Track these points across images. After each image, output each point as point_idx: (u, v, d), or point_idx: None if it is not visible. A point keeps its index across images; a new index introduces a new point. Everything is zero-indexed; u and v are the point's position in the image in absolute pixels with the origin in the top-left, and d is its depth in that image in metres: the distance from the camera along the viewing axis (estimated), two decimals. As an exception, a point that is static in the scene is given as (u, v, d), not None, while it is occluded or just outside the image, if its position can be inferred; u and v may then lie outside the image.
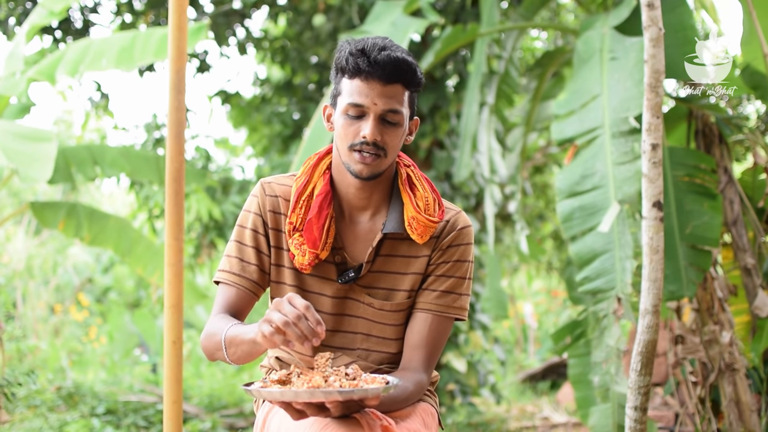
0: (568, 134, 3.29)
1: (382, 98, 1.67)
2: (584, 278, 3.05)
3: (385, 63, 1.65)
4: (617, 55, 3.37)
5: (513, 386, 7.03)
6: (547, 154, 7.86)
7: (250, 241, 1.78)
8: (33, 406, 5.16)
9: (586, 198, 3.13)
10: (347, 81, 1.69)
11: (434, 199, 1.77)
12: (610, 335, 3.14)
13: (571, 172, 3.20)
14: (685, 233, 3.10)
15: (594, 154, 3.18)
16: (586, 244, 3.07)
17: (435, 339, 1.77)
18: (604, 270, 3.01)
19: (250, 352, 1.59)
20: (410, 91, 1.72)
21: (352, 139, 1.68)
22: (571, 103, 3.37)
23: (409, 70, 1.68)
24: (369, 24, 4.38)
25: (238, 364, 1.65)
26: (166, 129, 2.44)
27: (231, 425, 5.38)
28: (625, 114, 3.15)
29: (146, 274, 5.33)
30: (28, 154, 3.66)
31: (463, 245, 1.79)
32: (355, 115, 1.68)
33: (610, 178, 3.08)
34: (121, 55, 4.20)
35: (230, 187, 6.51)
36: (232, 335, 1.62)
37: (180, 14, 2.43)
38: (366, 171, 1.69)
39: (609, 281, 2.99)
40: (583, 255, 3.07)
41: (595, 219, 3.08)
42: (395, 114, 1.68)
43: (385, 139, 1.68)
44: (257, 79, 6.76)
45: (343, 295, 1.79)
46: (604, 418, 3.10)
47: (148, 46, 4.19)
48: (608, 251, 3.01)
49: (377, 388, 1.45)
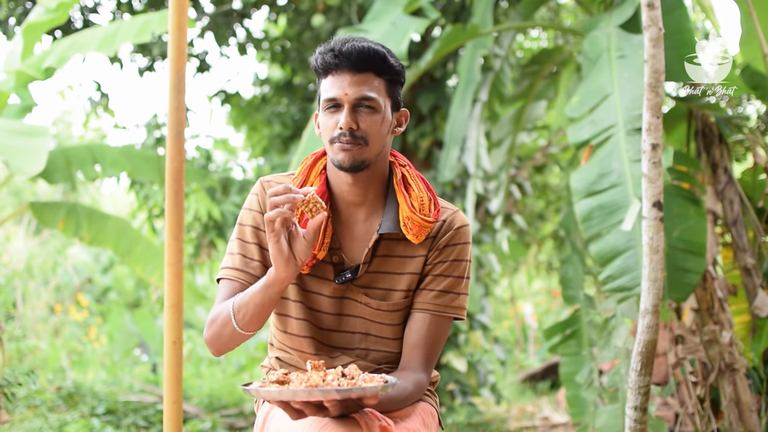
0: (584, 137, 3.27)
1: (353, 87, 1.69)
2: (608, 277, 3.01)
3: (350, 53, 1.69)
4: (625, 53, 3.37)
5: (513, 386, 7.03)
6: (547, 154, 7.86)
7: (251, 237, 1.78)
8: (33, 406, 5.16)
9: (604, 197, 3.10)
10: (323, 81, 1.74)
11: (429, 199, 1.77)
12: (618, 335, 3.14)
13: (588, 171, 3.17)
14: (673, 236, 3.09)
15: (609, 152, 3.15)
16: (608, 243, 3.03)
17: (434, 339, 1.77)
18: (627, 268, 2.96)
19: (262, 302, 1.63)
20: (385, 79, 1.73)
21: (332, 132, 1.71)
22: (584, 105, 3.36)
23: (377, 57, 1.71)
24: (368, 23, 4.37)
25: (249, 329, 1.67)
26: (167, 129, 2.44)
27: (231, 425, 5.38)
28: (637, 111, 3.12)
29: (146, 275, 5.33)
30: (20, 148, 3.68)
31: (460, 244, 1.78)
32: (332, 109, 1.71)
33: (628, 176, 3.06)
34: (104, 41, 4.23)
35: (230, 187, 6.51)
36: (240, 298, 1.67)
37: (180, 14, 2.43)
38: (347, 159, 1.69)
39: (633, 279, 2.94)
40: (605, 254, 3.03)
41: (614, 217, 3.05)
42: (369, 100, 1.70)
43: (362, 127, 1.69)
44: (257, 79, 6.77)
45: (341, 295, 1.79)
46: (612, 418, 3.09)
47: (129, 30, 4.21)
48: (630, 248, 2.98)
49: (375, 387, 1.45)
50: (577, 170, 3.25)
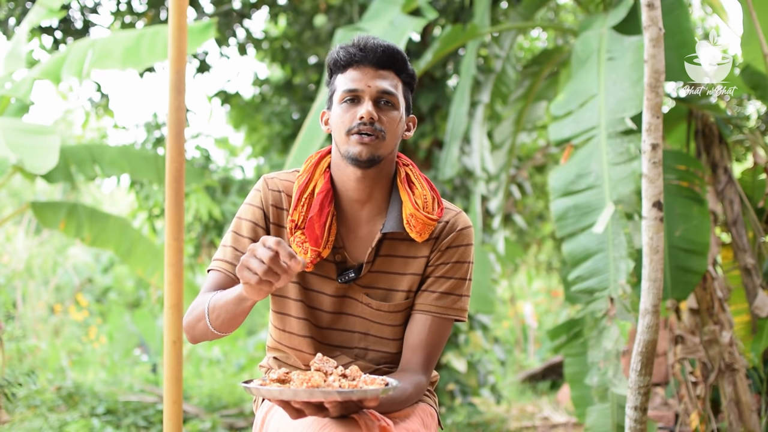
0: (564, 135, 3.29)
1: (376, 80, 1.71)
2: (577, 277, 3.05)
3: (375, 48, 1.72)
4: (615, 56, 3.37)
5: (513, 386, 7.03)
6: (547, 154, 7.86)
7: (247, 232, 1.77)
8: (33, 406, 5.16)
9: (580, 197, 3.13)
10: (341, 75, 1.75)
11: (433, 198, 1.77)
12: (608, 336, 3.14)
13: (567, 171, 3.20)
14: (675, 236, 3.09)
15: (589, 154, 3.18)
16: (580, 244, 3.07)
17: (434, 340, 1.77)
18: (597, 270, 3.01)
19: (234, 312, 1.59)
20: (403, 81, 1.76)
21: (350, 123, 1.71)
22: (569, 104, 3.37)
23: (400, 58, 1.75)
24: (366, 22, 4.37)
25: (221, 331, 1.64)
26: (166, 129, 2.44)
27: (231, 425, 5.38)
28: (621, 114, 3.14)
29: (146, 275, 5.32)
30: (32, 146, 3.68)
31: (462, 246, 1.78)
32: (351, 101, 1.71)
33: (606, 179, 3.08)
34: (127, 55, 4.18)
35: (230, 187, 6.51)
36: (216, 299, 1.63)
37: (180, 14, 2.43)
38: (365, 152, 1.69)
39: (602, 281, 2.98)
40: (576, 254, 3.07)
41: (589, 219, 3.08)
42: (390, 96, 1.72)
43: (383, 120, 1.70)
44: (257, 79, 6.77)
45: (342, 294, 1.79)
46: (602, 417, 3.10)
47: (155, 45, 4.17)
48: (602, 251, 3.01)
49: (376, 390, 1.44)
50: (556, 169, 3.26)
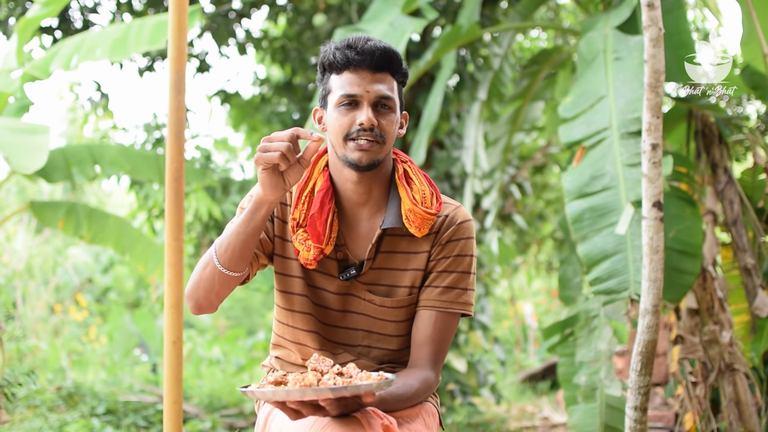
0: (575, 137, 3.26)
1: (374, 85, 1.69)
2: (595, 279, 3.00)
3: (372, 51, 1.69)
4: (621, 55, 3.36)
5: (513, 386, 7.03)
6: (547, 154, 7.86)
7: None
8: (33, 406, 5.16)
9: (596, 199, 3.09)
10: (336, 77, 1.72)
11: (431, 192, 1.77)
12: (600, 336, 3.13)
13: (580, 173, 3.16)
14: (669, 237, 3.08)
15: (603, 155, 3.14)
16: (596, 245, 3.02)
17: (441, 336, 1.76)
18: (616, 271, 2.96)
19: (245, 233, 1.62)
20: (397, 80, 1.75)
21: (348, 129, 1.69)
22: (578, 105, 3.34)
23: (396, 59, 1.73)
24: (366, 23, 4.36)
25: (230, 267, 1.65)
26: (166, 129, 2.44)
27: (231, 425, 5.38)
28: (632, 115, 3.11)
29: (147, 272, 5.33)
30: (22, 145, 3.69)
31: (463, 239, 1.78)
32: (348, 106, 1.70)
33: (621, 180, 3.04)
34: (115, 45, 4.18)
35: (230, 187, 6.51)
36: (223, 235, 1.66)
37: (180, 14, 2.43)
38: (365, 158, 1.69)
39: (621, 282, 2.94)
40: (593, 256, 3.03)
41: (605, 220, 3.04)
42: (388, 100, 1.71)
43: (382, 125, 1.70)
44: (257, 79, 6.77)
45: (345, 292, 1.79)
46: (588, 417, 3.09)
47: (141, 34, 4.16)
48: (620, 252, 2.97)
49: (369, 385, 1.44)
50: (570, 171, 3.24)
